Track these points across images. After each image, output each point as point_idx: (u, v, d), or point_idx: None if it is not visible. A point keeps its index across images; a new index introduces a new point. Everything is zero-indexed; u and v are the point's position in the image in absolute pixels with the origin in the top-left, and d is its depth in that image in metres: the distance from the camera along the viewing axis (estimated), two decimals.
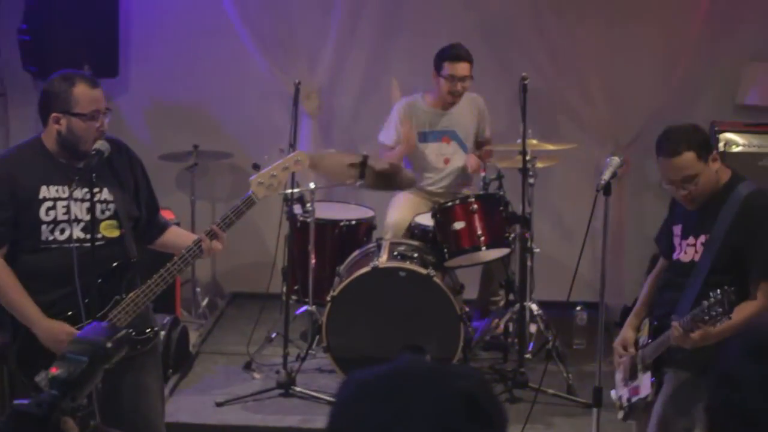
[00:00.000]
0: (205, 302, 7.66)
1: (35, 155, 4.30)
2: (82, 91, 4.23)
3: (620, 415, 4.56)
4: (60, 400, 2.07)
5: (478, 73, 7.02)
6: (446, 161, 6.95)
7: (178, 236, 4.62)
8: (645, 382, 4.37)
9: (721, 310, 3.89)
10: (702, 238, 4.30)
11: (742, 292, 4.13)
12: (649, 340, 4.42)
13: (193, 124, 7.85)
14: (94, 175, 4.18)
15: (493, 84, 7.60)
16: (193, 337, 6.97)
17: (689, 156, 4.19)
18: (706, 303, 3.96)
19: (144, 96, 7.91)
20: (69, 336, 4.19)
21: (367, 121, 7.89)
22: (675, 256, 4.44)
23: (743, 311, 4.04)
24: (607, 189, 4.37)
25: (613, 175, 4.43)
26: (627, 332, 4.58)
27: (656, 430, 4.32)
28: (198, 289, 7.62)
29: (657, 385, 4.34)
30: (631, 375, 4.50)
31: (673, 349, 4.24)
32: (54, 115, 4.25)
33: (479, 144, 7.07)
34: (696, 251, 4.32)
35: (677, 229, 4.46)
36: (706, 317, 3.94)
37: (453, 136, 6.94)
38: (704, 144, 4.25)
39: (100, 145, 4.26)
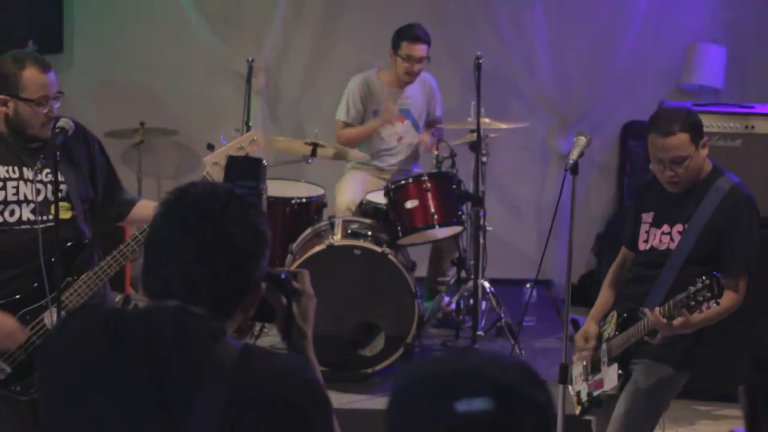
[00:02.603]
0: None
1: None
2: (31, 75, 4.13)
3: (578, 410, 4.51)
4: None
5: None
6: (399, 139, 6.98)
7: (147, 210, 4.55)
8: (611, 375, 4.32)
9: (709, 294, 3.86)
10: (678, 227, 4.25)
11: None
12: (617, 333, 4.35)
13: (140, 101, 7.79)
14: (58, 153, 4.13)
15: (441, 63, 7.63)
16: None
17: (683, 137, 4.13)
18: (692, 288, 3.92)
19: (89, 72, 7.81)
20: (14, 329, 4.15)
21: (314, 99, 7.90)
22: (645, 244, 4.37)
23: (723, 302, 4.04)
24: (574, 168, 4.37)
25: (581, 155, 4.43)
26: (589, 325, 4.49)
27: (622, 423, 4.27)
28: None
29: (623, 379, 4.30)
30: (593, 369, 4.45)
31: (645, 342, 4.21)
32: (1, 97, 4.17)
33: (429, 124, 7.11)
34: (672, 239, 4.27)
35: (647, 216, 4.38)
36: (692, 302, 3.91)
37: (407, 114, 6.96)
38: (698, 128, 4.20)
39: (64, 123, 4.19)
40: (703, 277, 3.91)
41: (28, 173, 4.21)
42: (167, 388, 2.11)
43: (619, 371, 4.29)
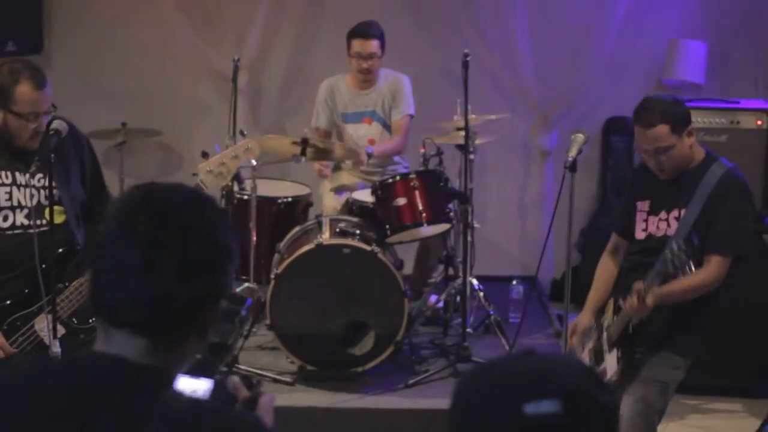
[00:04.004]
0: None
1: None
2: (24, 91, 4.12)
3: None
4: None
5: (406, 49, 7.03)
6: (371, 141, 6.91)
7: None
8: (611, 361, 4.38)
9: (685, 257, 3.94)
10: (675, 213, 4.33)
11: None
12: (614, 320, 4.41)
13: (121, 102, 7.74)
14: (52, 155, 4.10)
15: (422, 59, 7.63)
16: None
17: (663, 128, 4.25)
18: (669, 254, 4.00)
19: (70, 72, 7.73)
20: (2, 348, 4.12)
21: (294, 99, 7.87)
22: (644, 233, 4.43)
23: (697, 276, 4.15)
24: (573, 166, 4.40)
25: (579, 152, 4.46)
26: (584, 316, 4.57)
27: (635, 410, 4.30)
28: None
29: (623, 362, 4.34)
30: (597, 359, 4.48)
31: (643, 329, 4.28)
32: None
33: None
34: (669, 225, 4.34)
35: (643, 205, 4.46)
36: (671, 269, 4.00)
37: (374, 116, 6.89)
38: (680, 118, 4.31)
39: (58, 125, 4.17)
40: (674, 243, 4.00)
41: (20, 178, 4.19)
42: None
43: (618, 354, 4.34)
